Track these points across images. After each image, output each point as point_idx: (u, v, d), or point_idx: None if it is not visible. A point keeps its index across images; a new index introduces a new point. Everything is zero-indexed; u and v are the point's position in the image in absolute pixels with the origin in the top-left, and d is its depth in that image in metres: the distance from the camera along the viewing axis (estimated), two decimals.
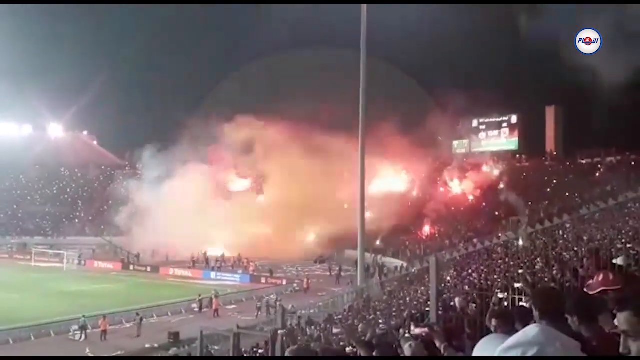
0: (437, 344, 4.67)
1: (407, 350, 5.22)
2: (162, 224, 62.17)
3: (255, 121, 75.89)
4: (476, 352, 1.94)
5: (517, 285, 10.79)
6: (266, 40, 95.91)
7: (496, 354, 1.53)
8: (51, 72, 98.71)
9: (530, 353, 1.44)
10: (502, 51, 73.70)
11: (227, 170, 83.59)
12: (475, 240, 20.53)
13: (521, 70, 73.21)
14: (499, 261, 22.62)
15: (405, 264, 44.05)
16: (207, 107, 77.30)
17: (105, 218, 75.46)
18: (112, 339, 31.92)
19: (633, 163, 58.95)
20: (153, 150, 77.11)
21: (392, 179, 76.38)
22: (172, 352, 24.38)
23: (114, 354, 29.13)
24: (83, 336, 31.97)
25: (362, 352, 5.77)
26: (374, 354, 5.72)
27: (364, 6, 37.09)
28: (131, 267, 59.73)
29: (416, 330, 5.18)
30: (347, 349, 6.05)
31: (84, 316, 32.83)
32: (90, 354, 29.07)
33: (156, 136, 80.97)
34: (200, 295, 40.85)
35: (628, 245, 12.97)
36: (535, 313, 3.71)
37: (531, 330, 1.52)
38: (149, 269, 58.32)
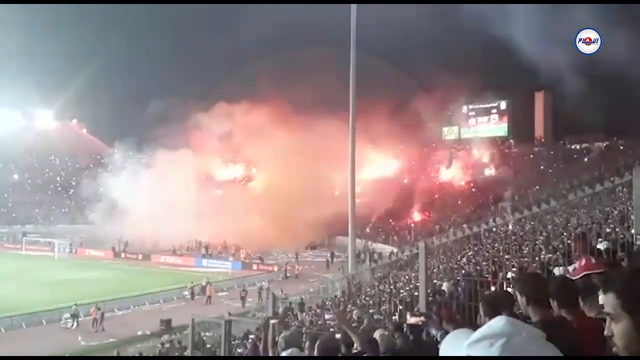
0: (433, 332, 4.74)
1: (378, 338, 5.36)
2: (151, 212, 61.95)
3: (242, 107, 75.75)
4: (442, 348, 1.91)
5: (509, 275, 10.94)
6: (250, 27, 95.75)
7: (463, 349, 1.53)
8: (40, 61, 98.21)
9: (497, 344, 1.46)
10: (491, 37, 73.63)
11: (214, 158, 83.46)
12: (464, 226, 20.67)
13: (510, 56, 73.29)
14: (488, 246, 22.83)
15: (395, 250, 44.23)
16: (194, 94, 77.09)
17: (95, 206, 75.11)
18: (104, 327, 32.00)
19: (621, 148, 59.32)
20: (141, 138, 76.94)
21: (382, 165, 76.51)
22: (164, 338, 24.52)
23: (105, 341, 29.23)
24: (75, 324, 32.08)
25: (353, 338, 5.86)
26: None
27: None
28: (122, 255, 59.62)
29: (411, 320, 5.22)
30: (337, 335, 6.12)
31: (75, 304, 32.93)
32: (82, 342, 29.18)
33: (144, 125, 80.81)
34: (192, 283, 41.02)
35: (617, 230, 13.10)
36: (521, 299, 3.77)
37: (497, 322, 1.53)
38: (140, 256, 58.25)
